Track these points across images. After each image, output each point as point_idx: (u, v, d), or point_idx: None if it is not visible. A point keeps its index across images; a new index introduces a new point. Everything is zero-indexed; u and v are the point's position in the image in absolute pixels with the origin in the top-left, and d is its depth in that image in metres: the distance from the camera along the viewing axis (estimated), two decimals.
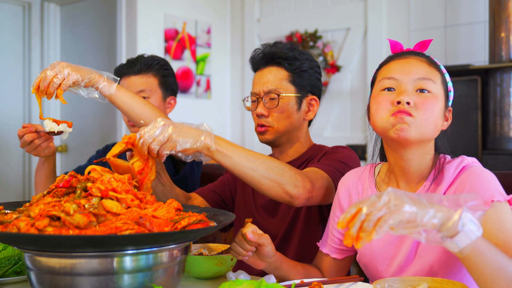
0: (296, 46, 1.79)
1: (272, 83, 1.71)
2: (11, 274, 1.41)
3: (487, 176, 1.22)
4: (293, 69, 1.72)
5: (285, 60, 1.72)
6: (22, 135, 1.73)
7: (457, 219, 0.96)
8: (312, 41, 4.19)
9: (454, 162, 1.28)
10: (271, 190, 1.40)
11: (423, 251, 1.26)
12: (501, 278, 1.02)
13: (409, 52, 1.33)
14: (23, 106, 4.57)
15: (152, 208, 1.21)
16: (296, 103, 1.73)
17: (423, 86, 1.25)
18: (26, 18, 4.60)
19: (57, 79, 1.48)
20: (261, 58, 1.76)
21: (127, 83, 2.12)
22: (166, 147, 1.29)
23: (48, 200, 1.17)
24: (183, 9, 4.37)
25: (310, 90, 1.76)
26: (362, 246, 0.93)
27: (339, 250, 1.45)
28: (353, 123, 4.09)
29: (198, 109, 4.37)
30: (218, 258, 1.40)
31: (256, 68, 1.80)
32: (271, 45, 1.78)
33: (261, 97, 1.73)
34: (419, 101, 1.23)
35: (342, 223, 0.96)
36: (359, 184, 1.43)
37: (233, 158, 1.36)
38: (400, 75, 1.27)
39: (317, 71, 1.78)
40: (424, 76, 1.25)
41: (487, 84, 3.32)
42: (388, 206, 0.94)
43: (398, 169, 1.33)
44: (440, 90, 1.27)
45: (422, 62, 1.28)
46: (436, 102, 1.24)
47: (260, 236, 1.29)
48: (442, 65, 1.34)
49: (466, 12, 3.57)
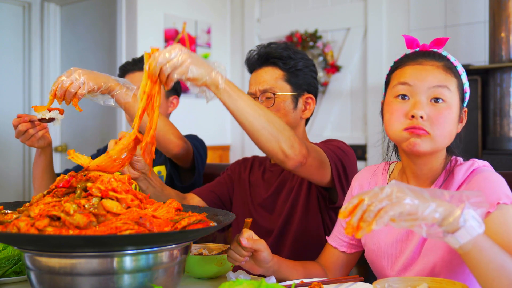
0: (291, 45, 1.80)
1: (267, 83, 1.73)
2: (11, 274, 1.41)
3: (495, 178, 1.22)
4: (288, 68, 1.73)
5: (279, 59, 1.73)
6: (17, 124, 1.75)
7: (459, 214, 0.96)
8: (312, 41, 4.19)
9: (465, 165, 1.28)
10: (268, 144, 1.37)
11: (427, 250, 1.26)
12: (502, 276, 1.02)
13: (426, 54, 1.29)
14: (23, 106, 4.57)
15: (152, 208, 1.21)
16: (292, 101, 1.74)
17: (438, 95, 1.23)
18: (26, 18, 4.60)
19: (73, 89, 1.47)
20: (256, 59, 1.78)
21: (131, 79, 2.11)
22: (177, 71, 1.25)
23: (48, 200, 1.17)
24: (183, 9, 4.37)
25: (306, 89, 1.77)
26: (362, 235, 0.94)
27: (349, 244, 1.45)
28: (353, 123, 4.09)
29: (198, 109, 4.36)
30: (218, 258, 1.40)
31: (252, 69, 1.81)
32: (266, 45, 1.79)
33: (257, 96, 1.74)
34: (433, 114, 1.22)
35: (344, 213, 0.98)
36: (372, 181, 1.44)
37: (238, 102, 1.33)
38: (415, 81, 1.24)
39: (313, 69, 1.79)
40: (439, 84, 1.23)
41: (487, 84, 3.32)
42: (390, 198, 0.95)
43: (409, 171, 1.34)
44: (455, 96, 1.25)
45: (438, 68, 1.25)
46: (451, 113, 1.24)
47: (256, 242, 1.29)
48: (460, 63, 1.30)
49: (466, 12, 3.57)
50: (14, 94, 4.54)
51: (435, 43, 1.32)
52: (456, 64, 1.29)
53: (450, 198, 0.99)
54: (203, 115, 4.43)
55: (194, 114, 4.31)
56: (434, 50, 1.30)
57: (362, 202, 0.96)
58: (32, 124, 1.75)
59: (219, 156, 4.51)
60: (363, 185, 1.46)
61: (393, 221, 0.95)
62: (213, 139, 4.44)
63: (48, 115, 1.62)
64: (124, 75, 2.18)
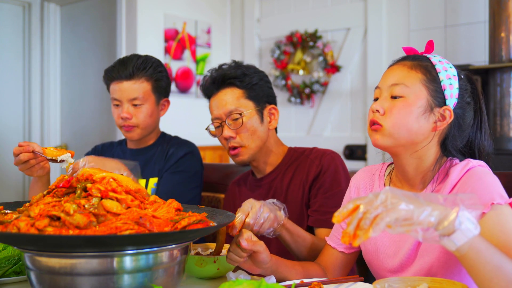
0: (240, 62, 1.84)
1: (230, 104, 1.75)
2: (11, 274, 1.41)
3: (489, 178, 1.22)
4: (245, 85, 1.76)
5: (235, 78, 1.76)
6: (18, 153, 1.69)
7: (454, 217, 0.96)
8: (312, 41, 4.19)
9: (459, 165, 1.28)
10: None
11: (424, 251, 1.27)
12: (499, 277, 1.02)
13: (402, 58, 1.34)
14: (23, 106, 4.57)
15: (152, 208, 1.21)
16: (258, 116, 1.78)
17: (394, 93, 1.27)
18: (26, 18, 4.60)
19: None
20: (211, 83, 1.80)
21: (119, 89, 2.01)
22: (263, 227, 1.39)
23: (48, 200, 1.17)
24: (183, 9, 4.37)
25: (266, 100, 1.81)
26: (359, 244, 0.95)
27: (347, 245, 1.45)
28: (353, 123, 4.09)
29: (198, 109, 4.36)
30: (218, 259, 1.40)
31: (209, 94, 1.83)
32: (217, 69, 1.82)
33: (224, 120, 1.76)
34: (389, 107, 1.27)
35: (338, 218, 0.98)
36: (369, 182, 1.45)
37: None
38: (382, 83, 1.32)
39: (267, 80, 1.83)
40: (396, 82, 1.28)
41: (487, 84, 3.32)
42: (385, 204, 0.96)
43: (399, 173, 1.35)
44: (418, 91, 1.26)
45: (403, 67, 1.29)
46: (407, 106, 1.25)
47: (255, 243, 1.30)
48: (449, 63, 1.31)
49: (466, 12, 3.57)
50: (14, 94, 4.54)
51: (427, 49, 1.35)
52: (436, 63, 1.29)
53: (444, 202, 0.99)
54: (204, 115, 4.42)
55: (194, 114, 4.31)
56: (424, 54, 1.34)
57: (358, 209, 0.96)
58: (34, 155, 1.68)
59: (219, 156, 4.51)
60: (359, 185, 1.47)
61: (389, 227, 0.95)
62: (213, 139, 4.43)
63: (60, 158, 1.62)
64: (110, 81, 2.04)
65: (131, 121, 2.03)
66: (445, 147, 1.30)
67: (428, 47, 1.35)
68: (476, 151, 1.33)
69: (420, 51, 1.37)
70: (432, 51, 1.36)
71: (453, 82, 1.29)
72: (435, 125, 1.27)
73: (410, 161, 1.30)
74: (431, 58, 1.31)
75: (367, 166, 1.52)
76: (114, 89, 2.04)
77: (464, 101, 1.30)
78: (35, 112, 4.58)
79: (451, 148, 1.30)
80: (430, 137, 1.28)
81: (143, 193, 1.25)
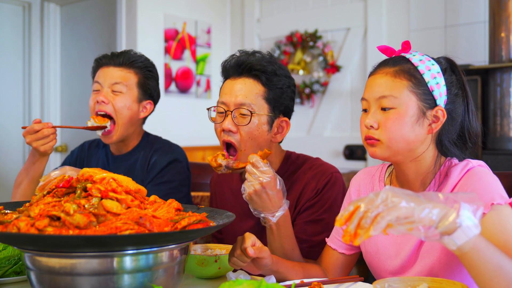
0: (276, 59, 1.63)
1: (246, 97, 1.55)
2: (11, 274, 1.41)
3: (489, 179, 1.22)
4: (270, 85, 1.57)
5: (263, 73, 1.57)
6: (39, 129, 1.69)
7: (455, 216, 0.97)
8: (312, 41, 4.19)
9: (459, 165, 1.28)
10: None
11: (425, 252, 1.26)
12: (499, 276, 1.02)
13: (386, 62, 1.32)
14: (23, 106, 4.57)
15: (152, 208, 1.21)
16: (268, 124, 1.58)
17: (384, 105, 1.27)
18: (26, 18, 4.60)
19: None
20: (236, 65, 1.59)
21: (103, 73, 1.93)
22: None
23: (48, 200, 1.17)
24: (183, 9, 4.37)
25: (282, 111, 1.62)
26: (360, 243, 0.95)
27: (348, 246, 1.46)
28: (353, 123, 4.09)
29: (198, 109, 4.36)
30: (219, 258, 1.40)
31: (227, 75, 1.63)
32: (250, 53, 1.61)
33: (231, 110, 1.56)
34: (382, 121, 1.26)
35: (341, 220, 0.98)
36: (370, 183, 1.45)
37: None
38: (368, 95, 1.31)
39: (293, 90, 1.64)
40: (383, 94, 1.27)
41: (487, 84, 3.32)
42: (386, 203, 0.96)
43: (399, 175, 1.35)
44: (407, 99, 1.25)
45: (386, 76, 1.28)
46: (400, 117, 1.25)
47: (261, 250, 1.30)
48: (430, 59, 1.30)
49: (466, 12, 3.57)
50: (14, 94, 4.54)
51: (404, 48, 1.33)
52: (417, 64, 1.28)
53: (444, 200, 0.99)
54: (203, 115, 4.42)
55: (194, 114, 4.31)
56: (403, 54, 1.31)
57: (358, 209, 0.97)
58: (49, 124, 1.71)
59: None
60: (360, 186, 1.47)
61: (390, 226, 0.95)
62: (213, 139, 4.42)
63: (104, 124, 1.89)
64: (98, 68, 1.98)
65: (106, 107, 1.90)
66: (441, 143, 1.30)
67: (404, 46, 1.33)
68: (466, 134, 1.31)
69: (420, 51, 1.35)
70: (409, 51, 1.32)
71: (439, 80, 1.27)
72: (430, 127, 1.27)
73: (410, 166, 1.31)
74: (411, 59, 1.29)
75: (367, 167, 1.52)
76: (99, 74, 1.96)
77: (452, 95, 1.29)
78: (35, 112, 4.58)
79: (447, 141, 1.29)
80: (427, 141, 1.28)
81: (143, 193, 1.25)
